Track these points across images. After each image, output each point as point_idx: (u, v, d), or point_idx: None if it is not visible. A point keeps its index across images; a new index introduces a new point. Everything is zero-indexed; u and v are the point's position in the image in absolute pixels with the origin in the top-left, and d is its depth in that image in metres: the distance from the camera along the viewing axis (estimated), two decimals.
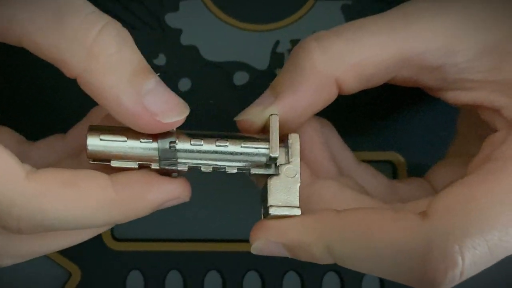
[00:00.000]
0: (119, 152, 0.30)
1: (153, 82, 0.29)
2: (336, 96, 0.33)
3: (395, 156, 0.40)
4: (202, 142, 0.31)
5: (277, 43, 0.40)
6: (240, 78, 0.40)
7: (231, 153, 0.31)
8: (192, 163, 0.31)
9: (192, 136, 0.31)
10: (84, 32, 0.29)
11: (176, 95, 0.30)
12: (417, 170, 0.40)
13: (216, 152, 0.31)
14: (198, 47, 0.40)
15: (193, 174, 0.39)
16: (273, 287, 0.40)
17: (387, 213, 0.30)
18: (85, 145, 0.30)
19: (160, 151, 0.30)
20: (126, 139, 0.30)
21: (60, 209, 0.28)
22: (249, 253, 0.39)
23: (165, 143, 0.30)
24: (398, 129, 0.40)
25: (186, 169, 0.31)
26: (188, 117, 0.30)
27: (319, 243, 0.30)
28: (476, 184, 0.29)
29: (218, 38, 0.40)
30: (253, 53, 0.40)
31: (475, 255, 0.28)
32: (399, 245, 0.29)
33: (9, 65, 0.39)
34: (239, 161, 0.31)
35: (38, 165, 0.32)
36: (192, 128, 0.32)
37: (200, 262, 0.40)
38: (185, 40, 0.40)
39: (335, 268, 0.40)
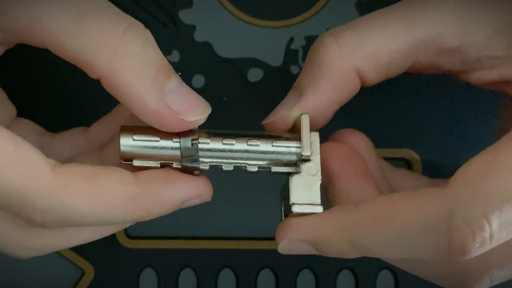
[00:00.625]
0: (151, 152, 0.30)
1: (175, 82, 0.30)
2: (359, 88, 0.33)
3: (410, 154, 0.40)
4: (234, 142, 0.31)
5: (291, 39, 0.39)
6: (254, 74, 0.40)
7: (262, 152, 0.31)
8: (215, 162, 0.31)
9: (222, 135, 0.31)
10: (109, 33, 0.29)
11: (197, 94, 0.30)
12: (432, 167, 0.40)
13: (247, 151, 0.31)
14: (212, 44, 0.39)
15: (207, 174, 0.40)
16: (287, 285, 0.40)
17: (405, 194, 0.29)
18: (118, 145, 0.30)
19: (183, 149, 0.30)
20: (159, 139, 0.30)
21: (84, 204, 0.29)
22: (263, 250, 0.40)
23: (187, 141, 0.31)
24: (412, 126, 0.40)
25: (207, 167, 0.31)
26: None
27: (342, 238, 0.30)
28: (499, 150, 0.29)
29: (232, 35, 0.39)
30: (267, 49, 0.40)
31: (501, 218, 0.28)
32: (422, 221, 0.28)
33: (33, 59, 0.39)
34: (267, 160, 0.32)
35: (59, 157, 0.33)
36: (205, 125, 0.32)
37: (214, 259, 0.40)
38: (198, 36, 0.39)
39: (350, 266, 0.40)
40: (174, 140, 0.30)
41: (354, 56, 0.32)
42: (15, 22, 0.29)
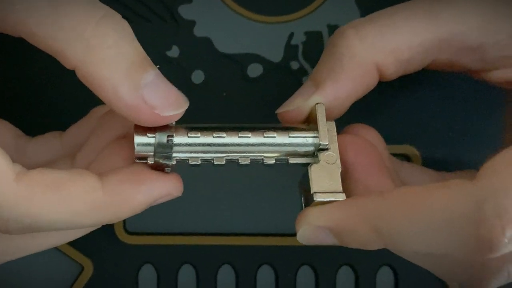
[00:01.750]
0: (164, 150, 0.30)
1: (152, 75, 0.29)
2: (376, 82, 0.33)
3: (410, 150, 0.40)
4: (250, 135, 0.31)
5: (291, 35, 0.39)
6: (254, 70, 0.39)
7: (279, 144, 0.31)
8: (231, 156, 0.31)
9: (238, 129, 0.31)
10: (82, 24, 0.28)
11: (176, 89, 0.30)
12: (432, 163, 0.40)
13: (264, 144, 0.31)
14: (212, 39, 0.39)
15: (206, 168, 0.39)
16: (287, 281, 0.40)
17: (433, 185, 0.28)
18: (133, 144, 0.30)
19: (157, 145, 0.30)
20: (173, 134, 0.30)
21: (47, 213, 0.28)
22: (262, 247, 0.40)
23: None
24: (413, 122, 0.40)
25: (224, 162, 0.31)
26: (201, 109, 0.30)
27: (366, 225, 0.29)
28: None
29: (232, 30, 0.39)
30: (267, 45, 0.39)
31: None
32: (451, 211, 0.27)
33: (9, 59, 0.39)
34: (284, 151, 0.31)
35: (33, 161, 0.33)
36: (204, 120, 0.31)
37: (213, 256, 0.40)
38: (198, 31, 0.39)
39: (349, 262, 0.40)
40: (189, 135, 0.30)
41: (375, 50, 0.31)
42: None
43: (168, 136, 0.30)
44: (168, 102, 0.29)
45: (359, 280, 0.40)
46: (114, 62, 0.28)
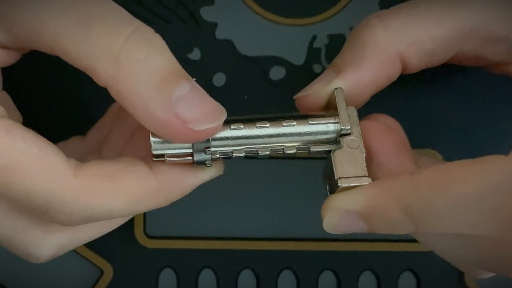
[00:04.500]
0: (179, 147, 0.30)
1: (186, 88, 0.28)
2: (399, 73, 0.32)
3: (433, 154, 0.40)
4: (268, 125, 0.30)
5: (314, 37, 0.39)
6: (276, 73, 0.39)
7: (299, 132, 0.30)
8: (250, 148, 0.30)
9: (254, 120, 0.30)
10: (111, 40, 0.28)
11: (213, 100, 0.29)
12: None
13: (283, 133, 0.30)
14: (234, 41, 0.39)
15: (228, 173, 0.39)
16: (308, 286, 0.40)
17: (465, 161, 0.27)
18: (149, 144, 0.30)
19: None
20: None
21: (106, 203, 0.29)
22: (284, 251, 0.40)
23: (199, 147, 0.30)
24: (435, 126, 0.40)
25: (243, 154, 0.30)
26: None
27: (396, 205, 0.28)
28: None
29: (253, 32, 0.39)
30: (289, 47, 0.39)
31: None
32: (484, 185, 0.26)
33: (27, 71, 0.39)
34: (304, 139, 0.31)
35: None
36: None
37: (234, 260, 0.40)
38: (220, 34, 0.39)
39: (372, 268, 0.40)
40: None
41: (399, 40, 0.31)
42: (22, 27, 0.29)
43: (206, 147, 0.30)
44: (202, 115, 0.28)
45: (381, 285, 0.40)
46: (143, 77, 0.27)
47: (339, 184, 0.30)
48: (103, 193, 0.29)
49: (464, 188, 0.26)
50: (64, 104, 0.39)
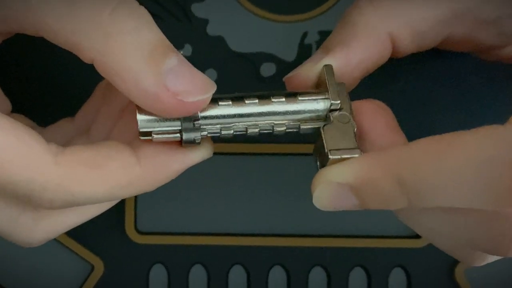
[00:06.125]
0: (166, 125, 0.29)
1: (175, 60, 0.28)
2: (389, 55, 0.32)
3: None
4: (257, 101, 0.30)
5: (305, 34, 0.39)
6: (267, 69, 0.39)
7: (288, 109, 0.30)
8: (238, 127, 0.30)
9: (243, 97, 0.30)
10: (98, 10, 0.27)
11: (201, 73, 0.28)
12: None
13: (272, 111, 0.30)
14: (225, 38, 0.39)
15: (219, 169, 0.39)
16: (299, 282, 0.40)
17: (463, 131, 0.26)
18: (136, 122, 0.29)
19: (184, 129, 0.29)
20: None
21: (89, 190, 0.28)
22: (274, 247, 0.40)
23: (188, 121, 0.29)
24: (426, 122, 0.40)
25: (232, 132, 0.30)
26: None
27: (390, 177, 0.27)
28: None
29: (245, 29, 0.39)
30: (280, 44, 0.39)
31: None
32: (481, 155, 0.25)
33: (15, 57, 0.39)
34: (294, 117, 0.30)
35: None
36: None
37: (225, 256, 0.40)
38: (211, 30, 0.39)
39: (362, 264, 0.40)
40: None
41: (390, 20, 0.31)
42: (10, 10, 0.28)
43: (194, 119, 0.29)
44: (193, 87, 0.28)
45: (372, 281, 0.40)
46: (133, 49, 0.27)
47: (329, 156, 0.29)
48: (85, 180, 0.28)
49: (460, 157, 0.25)
50: (53, 86, 0.39)
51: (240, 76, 0.39)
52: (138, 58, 0.27)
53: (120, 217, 0.39)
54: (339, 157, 0.29)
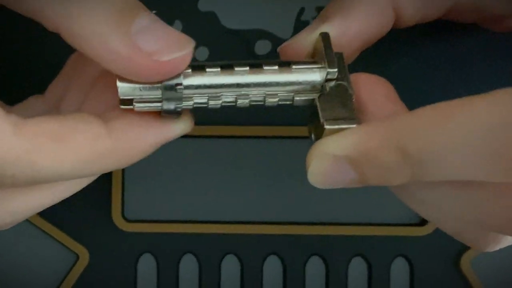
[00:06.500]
0: (148, 93, 0.27)
1: (146, 19, 0.26)
2: (391, 25, 0.30)
3: None
4: (247, 68, 0.27)
5: (302, 10, 0.38)
6: (262, 47, 0.38)
7: (280, 80, 0.28)
8: (228, 97, 0.28)
9: (233, 64, 0.28)
10: None
11: (178, 31, 0.27)
12: None
13: (263, 82, 0.28)
14: (217, 14, 0.38)
15: (211, 154, 0.38)
16: (295, 272, 0.38)
17: (469, 97, 0.24)
18: (116, 91, 0.27)
19: (164, 93, 0.27)
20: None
21: (53, 165, 0.26)
22: (269, 236, 0.38)
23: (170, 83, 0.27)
24: (427, 88, 0.38)
25: (220, 102, 0.28)
26: None
27: (392, 147, 0.25)
28: None
29: (238, 4, 0.38)
30: (276, 20, 0.38)
31: None
32: (492, 121, 0.23)
33: None
34: (287, 87, 0.28)
35: None
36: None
37: (217, 245, 0.38)
38: (203, 6, 0.38)
39: (362, 253, 0.38)
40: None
41: None
42: None
43: (177, 84, 0.27)
44: (167, 44, 0.26)
45: (373, 272, 0.38)
46: (98, 11, 0.26)
47: (325, 126, 0.27)
48: (48, 153, 0.26)
49: (469, 123, 0.23)
50: (20, 62, 0.37)
51: (233, 55, 0.38)
52: (105, 19, 0.26)
53: (106, 203, 0.38)
54: (335, 127, 0.27)
